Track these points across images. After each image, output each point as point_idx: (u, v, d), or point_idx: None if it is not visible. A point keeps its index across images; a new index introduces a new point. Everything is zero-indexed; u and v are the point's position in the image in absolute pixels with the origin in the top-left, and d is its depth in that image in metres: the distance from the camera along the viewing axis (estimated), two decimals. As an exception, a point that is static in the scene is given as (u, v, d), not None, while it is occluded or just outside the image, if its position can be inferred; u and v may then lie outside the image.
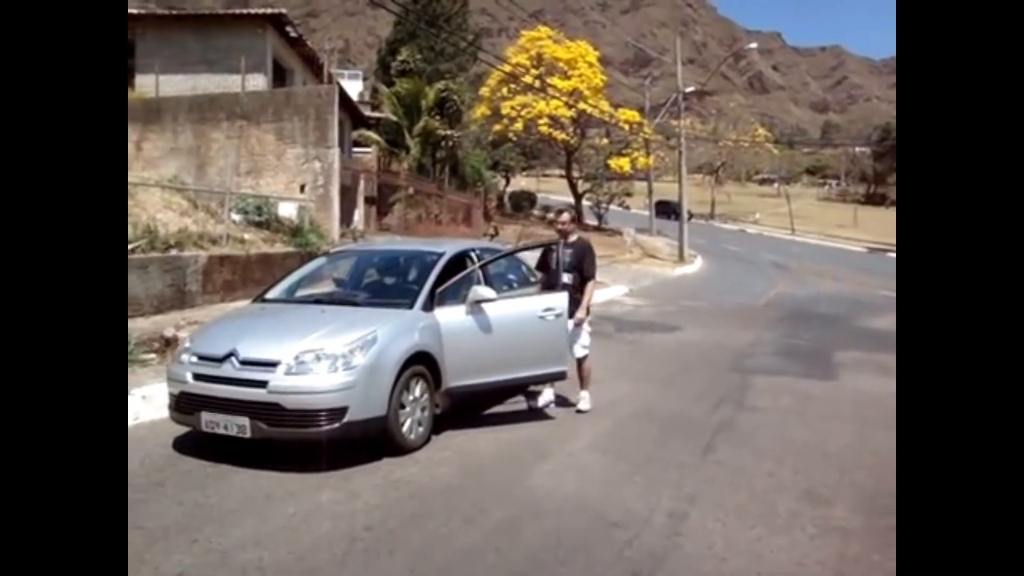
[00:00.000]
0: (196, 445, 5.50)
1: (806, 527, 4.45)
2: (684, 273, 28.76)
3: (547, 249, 7.49)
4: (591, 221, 46.74)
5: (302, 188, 18.25)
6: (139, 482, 4.89)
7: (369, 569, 3.77)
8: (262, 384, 5.21)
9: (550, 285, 7.23)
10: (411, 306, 6.18)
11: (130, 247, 11.00)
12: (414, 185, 28.05)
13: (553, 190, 62.79)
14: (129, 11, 22.57)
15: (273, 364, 5.28)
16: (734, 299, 20.04)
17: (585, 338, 7.17)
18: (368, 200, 25.71)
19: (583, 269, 7.23)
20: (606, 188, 47.23)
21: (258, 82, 20.54)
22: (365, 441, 5.45)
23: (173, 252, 11.55)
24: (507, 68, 36.37)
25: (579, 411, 7.06)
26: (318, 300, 6.76)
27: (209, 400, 5.38)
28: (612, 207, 48.67)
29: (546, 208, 50.50)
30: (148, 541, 3.96)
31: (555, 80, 39.30)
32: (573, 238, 7.47)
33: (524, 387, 7.37)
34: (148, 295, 10.72)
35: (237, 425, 5.23)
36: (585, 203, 47.48)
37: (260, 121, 18.46)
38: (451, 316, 6.29)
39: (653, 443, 6.21)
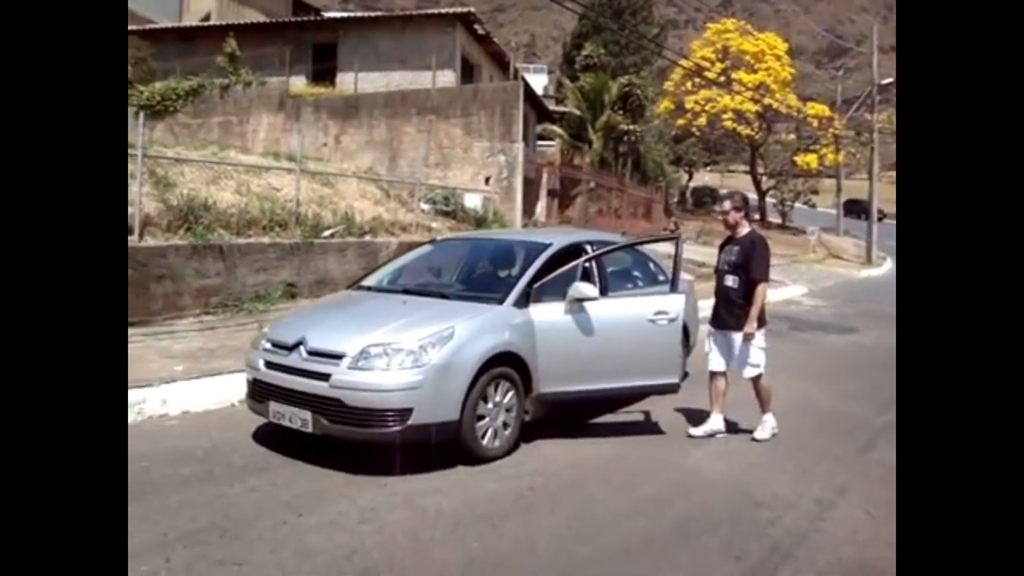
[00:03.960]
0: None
1: (958, 526, 4.49)
2: (870, 275, 27.58)
3: (721, 247, 6.45)
4: (775, 219, 45.53)
5: (487, 180, 19.12)
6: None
7: (531, 521, 4.27)
8: (325, 377, 4.89)
9: (721, 289, 6.26)
10: (502, 301, 5.66)
11: (329, 232, 12.11)
12: (595, 179, 28.54)
13: (737, 186, 61.45)
14: (331, 15, 24.34)
15: (339, 356, 4.93)
16: (922, 303, 19.12)
17: (756, 355, 6.05)
18: (550, 193, 26.40)
19: (749, 269, 6.02)
20: (791, 185, 45.83)
21: (447, 78, 21.58)
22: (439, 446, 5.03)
23: (367, 238, 12.60)
24: (687, 64, 35.99)
25: (754, 439, 6.09)
26: (407, 290, 6.30)
27: (277, 390, 5.14)
28: (797, 205, 47.15)
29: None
30: (346, 482, 4.63)
31: (741, 74, 38.51)
32: (742, 231, 6.24)
33: (632, 399, 6.74)
34: (344, 276, 11.75)
35: (300, 418, 4.95)
36: (769, 200, 46.30)
37: (448, 116, 19.49)
38: (548, 315, 5.72)
39: (810, 437, 6.32)
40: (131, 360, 6.82)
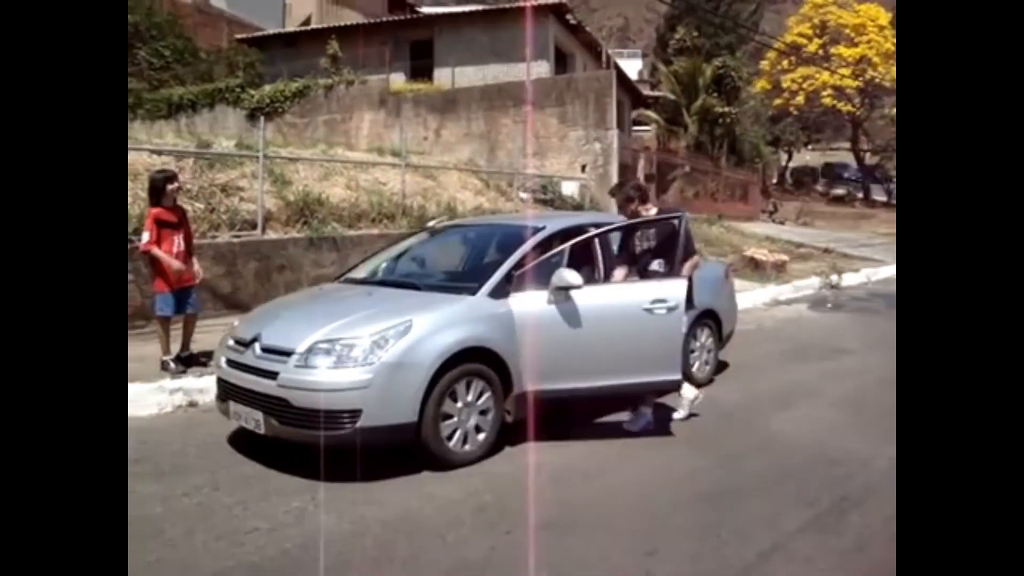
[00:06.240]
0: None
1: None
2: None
3: (627, 228, 6.02)
4: (879, 197, 44.33)
5: (583, 168, 19.60)
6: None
7: (616, 477, 4.81)
8: (274, 375, 4.63)
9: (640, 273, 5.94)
10: (475, 292, 5.23)
11: (433, 223, 12.79)
12: (691, 163, 28.69)
13: (839, 165, 59.86)
14: (428, 11, 25.11)
15: (288, 353, 4.66)
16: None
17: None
18: (647, 178, 26.64)
19: (673, 251, 5.71)
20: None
21: (541, 69, 22.08)
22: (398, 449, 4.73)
23: (469, 226, 13.22)
24: (779, 46, 35.43)
25: (673, 419, 5.90)
26: (383, 282, 6.01)
27: (235, 389, 4.93)
28: (904, 181, 45.64)
29: (829, 183, 48.56)
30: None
31: (840, 49, 37.67)
32: (651, 212, 6.00)
33: (634, 397, 5.83)
34: (448, 264, 12.44)
35: (254, 419, 4.73)
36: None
37: (544, 106, 20.02)
38: (530, 305, 5.23)
39: (895, 404, 6.55)
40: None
